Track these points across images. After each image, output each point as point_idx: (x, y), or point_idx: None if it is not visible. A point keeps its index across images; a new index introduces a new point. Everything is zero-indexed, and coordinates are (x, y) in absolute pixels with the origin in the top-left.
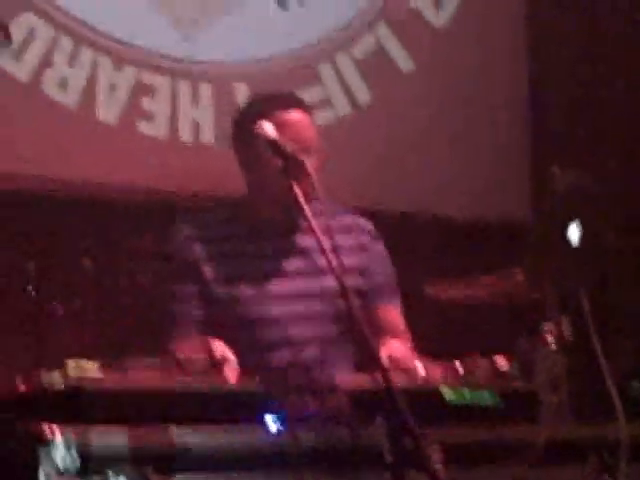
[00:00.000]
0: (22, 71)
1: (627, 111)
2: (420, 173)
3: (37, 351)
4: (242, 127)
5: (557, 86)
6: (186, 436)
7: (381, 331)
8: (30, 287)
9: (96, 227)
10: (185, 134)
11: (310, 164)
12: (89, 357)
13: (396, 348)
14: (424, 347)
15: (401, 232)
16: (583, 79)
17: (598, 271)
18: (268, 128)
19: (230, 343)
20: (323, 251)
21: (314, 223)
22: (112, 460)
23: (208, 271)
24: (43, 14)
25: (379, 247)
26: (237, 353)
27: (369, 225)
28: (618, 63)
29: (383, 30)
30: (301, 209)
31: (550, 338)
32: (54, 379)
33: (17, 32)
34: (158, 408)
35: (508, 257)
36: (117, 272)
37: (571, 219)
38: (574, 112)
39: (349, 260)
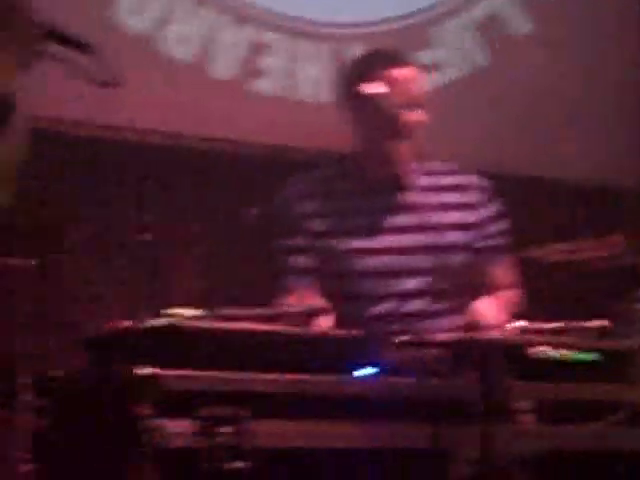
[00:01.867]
0: (141, 26)
1: None
2: (535, 137)
3: (150, 300)
4: (350, 85)
5: None
6: (279, 382)
7: (493, 286)
8: (147, 235)
9: (213, 182)
10: (304, 92)
11: (419, 120)
12: (198, 307)
13: (483, 306)
14: (529, 309)
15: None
16: None
17: None
18: (377, 88)
19: (336, 295)
20: (426, 209)
21: (416, 182)
22: (206, 403)
23: (318, 225)
24: None
25: (494, 206)
26: (342, 304)
27: (486, 182)
28: None
29: None
30: (404, 168)
31: None
32: (156, 322)
33: None
34: (253, 353)
35: (616, 222)
36: (230, 227)
37: None
38: None
39: (460, 216)
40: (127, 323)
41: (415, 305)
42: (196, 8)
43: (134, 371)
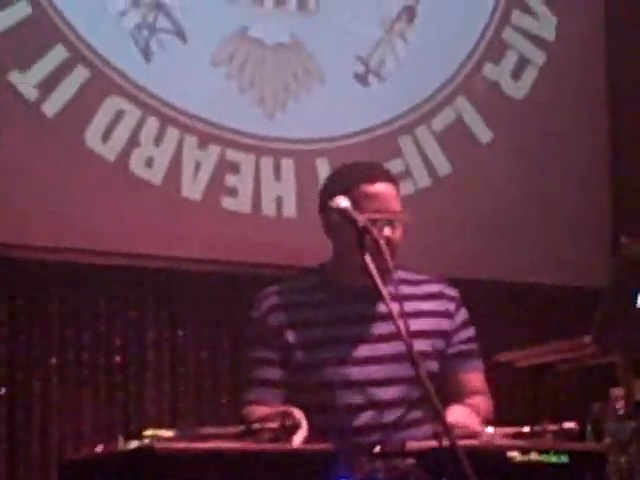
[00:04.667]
0: (109, 152)
1: None
2: (501, 242)
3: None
4: (326, 198)
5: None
6: None
7: (462, 394)
8: (118, 359)
9: (180, 300)
10: (268, 209)
11: (389, 236)
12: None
13: (456, 413)
14: (496, 415)
15: (480, 300)
16: None
17: None
18: (343, 202)
19: (313, 407)
20: (398, 318)
21: (385, 291)
22: None
23: (293, 336)
24: (130, 96)
25: (463, 313)
26: (320, 416)
27: (454, 292)
28: None
29: (462, 103)
30: (373, 280)
31: (618, 402)
32: (130, 445)
33: (105, 114)
34: (227, 471)
35: (584, 324)
36: (201, 343)
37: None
38: None
39: (435, 324)
40: (102, 447)
41: (393, 415)
42: (162, 131)
43: None
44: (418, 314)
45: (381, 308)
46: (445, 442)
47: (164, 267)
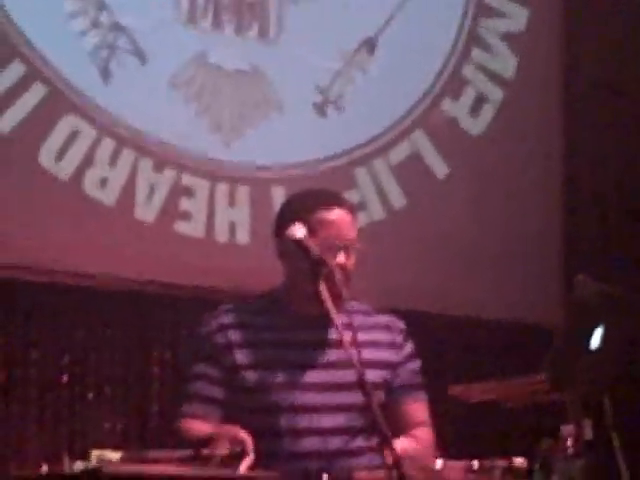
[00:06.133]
0: (63, 171)
1: None
2: (453, 276)
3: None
4: (281, 225)
5: (593, 193)
6: None
7: (405, 425)
8: (64, 377)
9: (130, 321)
10: (221, 234)
11: (342, 263)
12: (118, 448)
13: (405, 445)
14: (446, 448)
15: (431, 333)
16: (619, 187)
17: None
18: (298, 231)
19: (258, 429)
20: (345, 346)
21: (338, 319)
22: None
23: (241, 356)
24: (86, 116)
25: (410, 346)
26: (264, 440)
27: (401, 324)
28: None
29: (419, 137)
30: (327, 307)
31: (569, 441)
32: (76, 466)
33: (60, 133)
34: None
35: (537, 361)
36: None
37: (596, 325)
38: (608, 220)
39: (384, 355)
40: (46, 467)
41: (336, 442)
42: (117, 152)
43: None
44: (368, 344)
45: (332, 335)
46: (394, 474)
47: (114, 288)
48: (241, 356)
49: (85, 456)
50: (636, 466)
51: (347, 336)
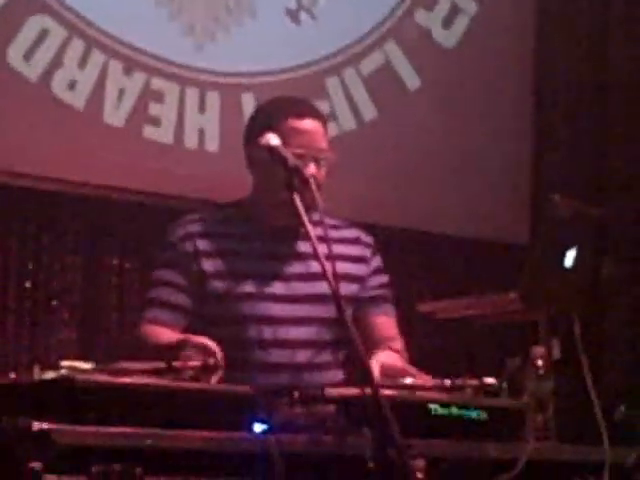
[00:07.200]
0: (32, 71)
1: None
2: (421, 191)
3: (33, 351)
4: (252, 133)
5: (563, 106)
6: (172, 438)
7: (376, 338)
8: (28, 284)
9: (96, 228)
10: (190, 141)
11: (319, 174)
12: (86, 359)
13: (387, 357)
14: (416, 365)
15: (399, 248)
16: (589, 100)
17: (593, 297)
18: (273, 140)
19: (219, 339)
20: (319, 258)
21: (312, 231)
22: (99, 459)
23: (208, 265)
24: (56, 15)
25: (377, 260)
26: (230, 349)
27: (370, 239)
28: (627, 88)
29: (392, 47)
30: (301, 220)
31: (539, 361)
32: (47, 375)
33: (29, 33)
34: (147, 408)
35: (506, 278)
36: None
37: (569, 245)
38: (579, 135)
39: (351, 269)
40: (14, 375)
41: (303, 355)
42: (87, 53)
43: (24, 426)
44: (337, 257)
45: (301, 247)
46: (367, 389)
47: (82, 193)
48: (208, 265)
49: (55, 366)
50: (602, 387)
51: (319, 248)
